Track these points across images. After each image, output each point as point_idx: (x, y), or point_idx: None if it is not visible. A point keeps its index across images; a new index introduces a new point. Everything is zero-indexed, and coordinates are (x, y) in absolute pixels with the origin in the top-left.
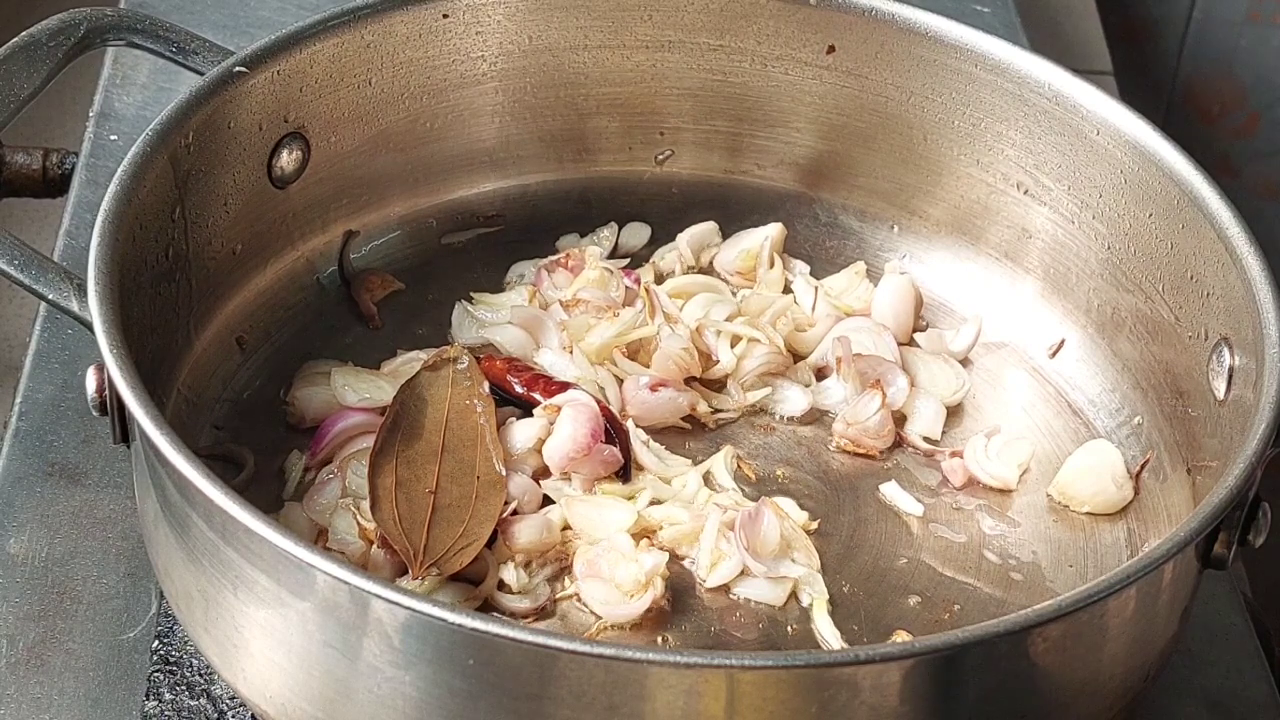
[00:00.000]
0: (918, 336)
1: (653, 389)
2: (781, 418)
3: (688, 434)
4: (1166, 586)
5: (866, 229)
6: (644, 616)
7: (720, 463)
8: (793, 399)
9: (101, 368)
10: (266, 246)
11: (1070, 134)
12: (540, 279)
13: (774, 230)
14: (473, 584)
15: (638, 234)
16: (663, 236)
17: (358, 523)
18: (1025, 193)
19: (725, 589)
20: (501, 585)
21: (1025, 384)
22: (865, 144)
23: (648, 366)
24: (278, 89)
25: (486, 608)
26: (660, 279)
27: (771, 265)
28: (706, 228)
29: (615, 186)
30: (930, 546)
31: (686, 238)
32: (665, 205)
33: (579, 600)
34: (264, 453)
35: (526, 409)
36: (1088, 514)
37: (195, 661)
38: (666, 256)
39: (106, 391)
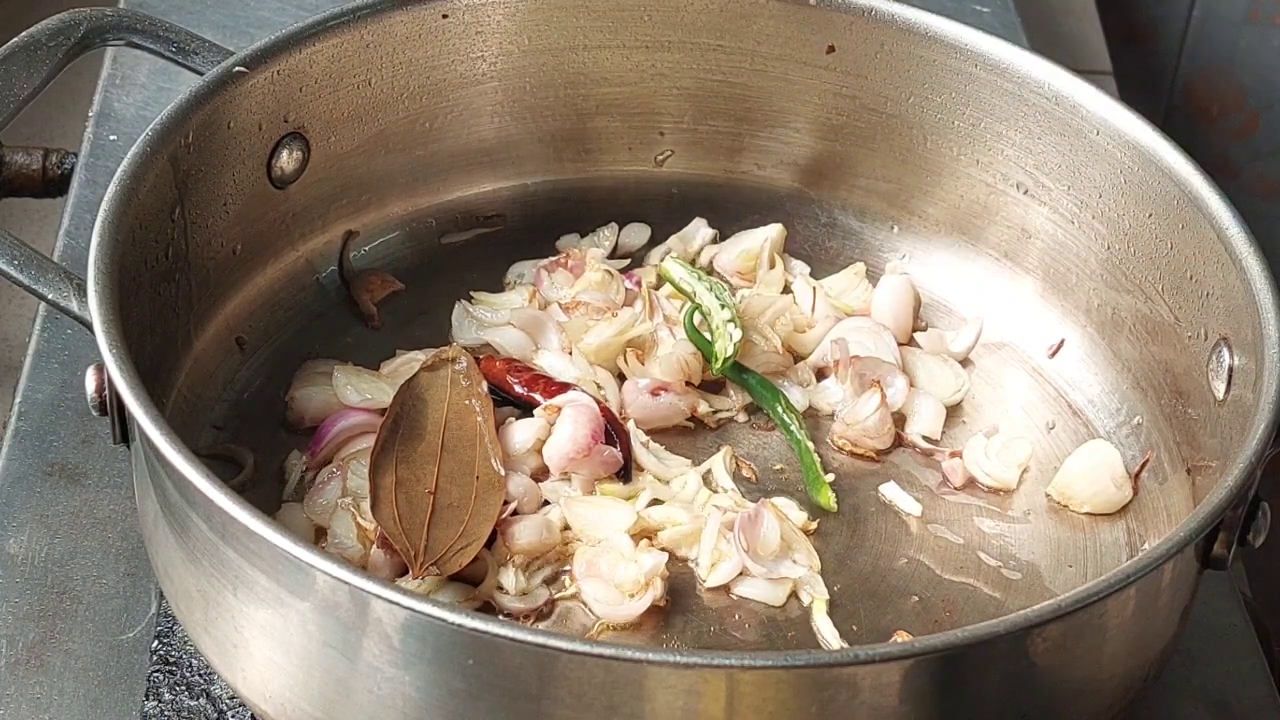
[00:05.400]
0: (918, 336)
1: (654, 393)
2: None
3: (687, 434)
4: (1166, 586)
5: (866, 229)
6: (644, 616)
7: (719, 463)
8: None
9: (101, 368)
10: (266, 246)
11: (1070, 134)
12: (540, 279)
13: (774, 230)
14: (472, 584)
15: (638, 234)
16: (662, 236)
17: (357, 523)
18: (1025, 193)
19: (725, 589)
20: (500, 587)
21: (1025, 384)
22: (865, 144)
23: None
24: (277, 89)
25: (486, 608)
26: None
27: (771, 265)
28: (694, 225)
29: (615, 186)
30: (930, 547)
31: (677, 237)
32: (665, 205)
33: (579, 600)
34: (264, 453)
35: (526, 409)
36: (1087, 514)
37: (195, 661)
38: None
39: (106, 391)
